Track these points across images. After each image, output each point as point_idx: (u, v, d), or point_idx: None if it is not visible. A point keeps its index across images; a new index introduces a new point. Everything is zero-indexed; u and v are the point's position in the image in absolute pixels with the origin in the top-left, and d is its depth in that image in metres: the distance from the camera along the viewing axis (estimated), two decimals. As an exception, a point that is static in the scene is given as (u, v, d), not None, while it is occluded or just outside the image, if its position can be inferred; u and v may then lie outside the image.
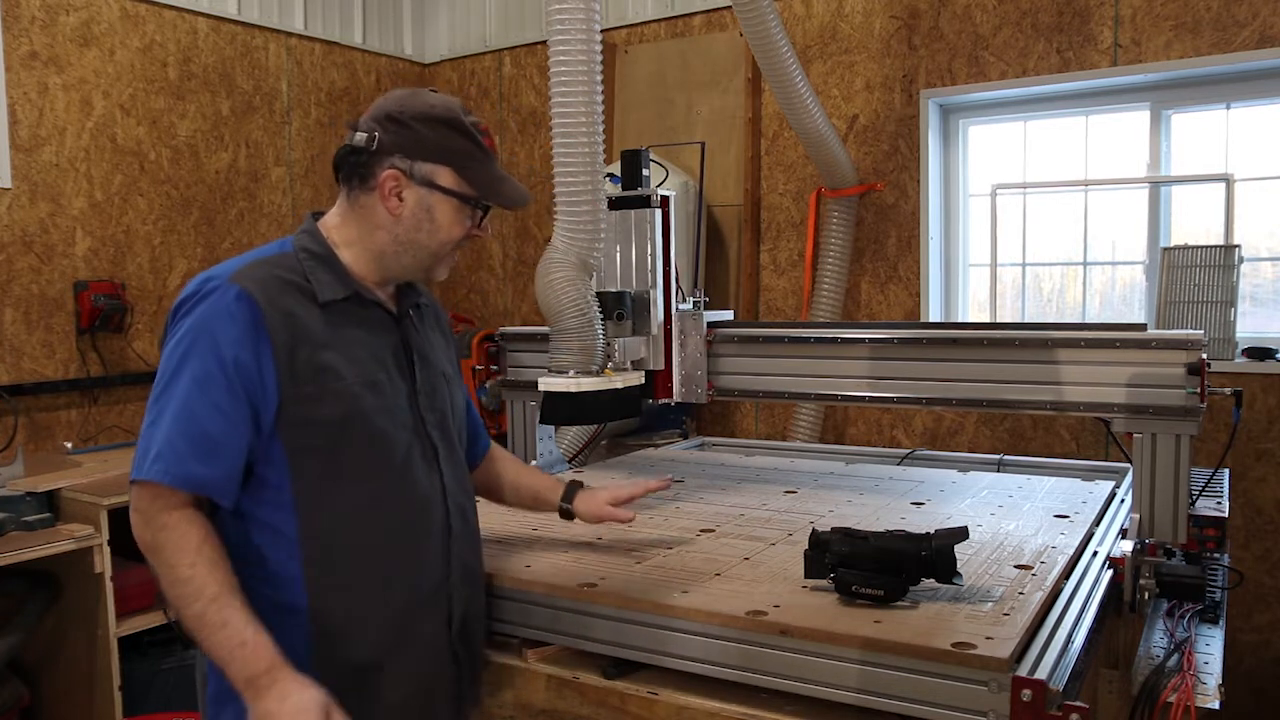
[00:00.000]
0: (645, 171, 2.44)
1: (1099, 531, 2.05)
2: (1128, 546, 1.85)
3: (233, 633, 1.40)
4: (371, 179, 1.58)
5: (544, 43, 2.32)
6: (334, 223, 1.65)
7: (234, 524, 1.53)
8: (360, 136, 1.58)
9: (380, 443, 1.57)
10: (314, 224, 1.66)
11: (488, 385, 4.26)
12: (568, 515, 1.93)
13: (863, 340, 2.28)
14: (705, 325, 2.45)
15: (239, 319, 1.47)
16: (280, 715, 1.37)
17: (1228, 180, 3.62)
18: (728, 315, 2.59)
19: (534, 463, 2.65)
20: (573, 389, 2.17)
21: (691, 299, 2.51)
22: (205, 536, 1.44)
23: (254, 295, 1.48)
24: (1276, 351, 3.45)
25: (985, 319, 4.14)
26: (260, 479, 1.51)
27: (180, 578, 1.41)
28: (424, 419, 1.65)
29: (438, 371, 1.72)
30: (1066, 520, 2.08)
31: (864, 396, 2.29)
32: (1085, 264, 4.02)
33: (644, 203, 2.39)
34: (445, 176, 1.59)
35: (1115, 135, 3.89)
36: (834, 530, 1.63)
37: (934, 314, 4.07)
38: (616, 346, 2.30)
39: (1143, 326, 2.02)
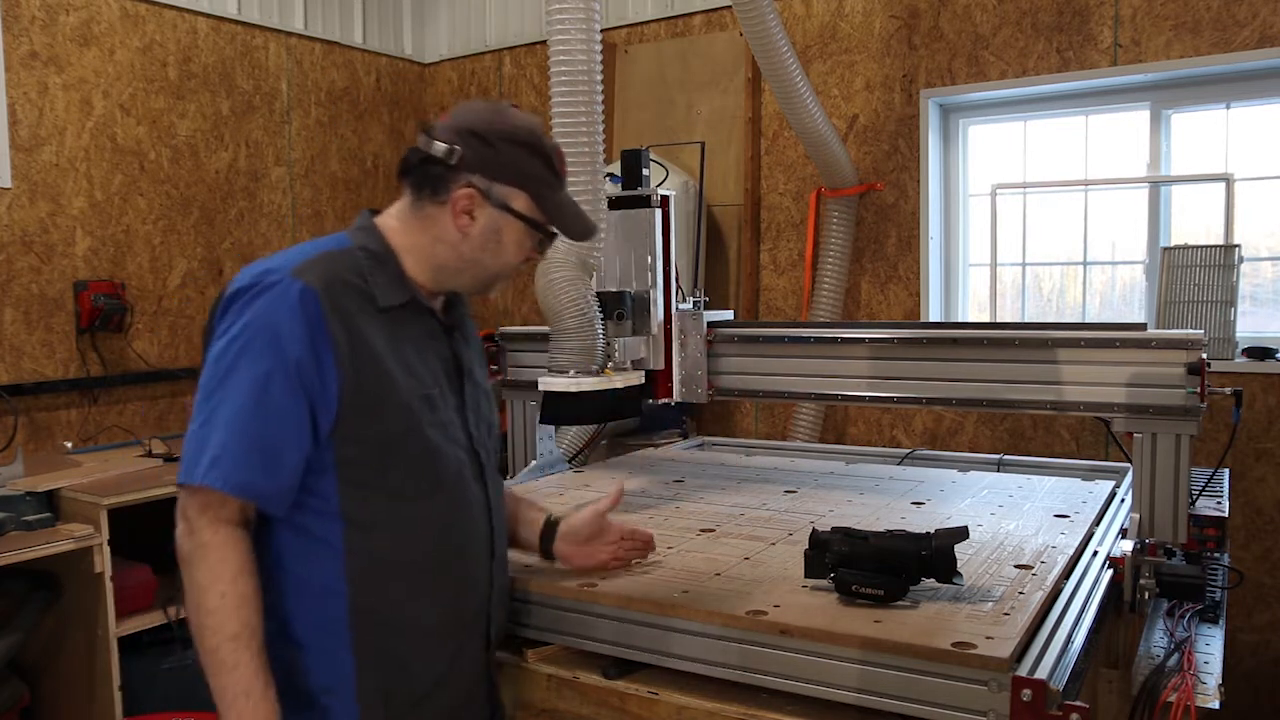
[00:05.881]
0: (645, 171, 2.43)
1: (1099, 531, 2.05)
2: (1128, 546, 1.85)
3: (241, 678, 1.35)
4: (445, 192, 1.51)
5: (544, 43, 2.32)
6: (394, 225, 1.57)
7: (277, 531, 1.45)
8: (440, 147, 1.50)
9: (434, 459, 1.51)
10: (371, 221, 1.57)
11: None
12: (549, 558, 1.78)
13: (863, 340, 2.28)
14: (705, 325, 2.44)
15: (302, 317, 1.38)
16: None
17: (1228, 180, 3.62)
18: (728, 315, 2.59)
19: (534, 462, 2.66)
20: (573, 389, 2.17)
21: (691, 299, 2.51)
22: (242, 566, 1.38)
23: (319, 294, 1.40)
24: (1276, 351, 3.45)
25: (985, 319, 4.14)
26: (306, 486, 1.44)
27: (206, 606, 1.36)
28: (472, 435, 1.60)
29: (480, 386, 1.67)
30: (1066, 520, 2.07)
31: (864, 396, 2.29)
32: (1085, 264, 4.02)
33: (644, 203, 2.38)
34: (521, 201, 1.53)
35: (1115, 135, 3.89)
36: (834, 530, 1.63)
37: (934, 314, 4.07)
38: (616, 346, 2.30)
39: (1143, 326, 2.02)
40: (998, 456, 2.83)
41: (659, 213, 2.39)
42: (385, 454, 1.46)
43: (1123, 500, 2.32)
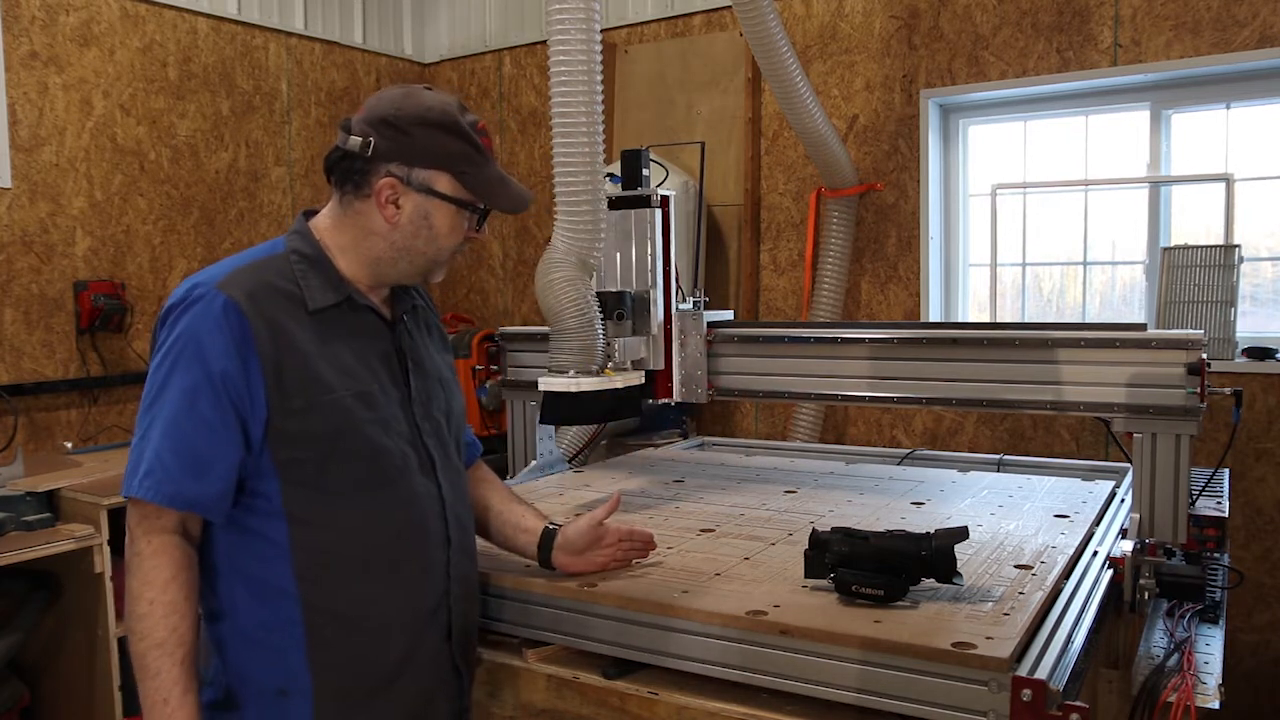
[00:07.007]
0: (645, 171, 2.43)
1: (1099, 531, 2.05)
2: (1128, 546, 1.85)
3: (161, 685, 1.39)
4: (366, 186, 1.53)
5: (544, 43, 2.32)
6: (326, 225, 1.60)
7: (227, 533, 1.49)
8: (354, 141, 1.52)
9: (374, 455, 1.52)
10: (305, 224, 1.61)
11: (488, 385, 4.26)
12: (547, 566, 1.76)
13: (863, 340, 2.28)
14: (705, 325, 2.44)
15: (225, 330, 1.42)
16: None
17: (1228, 180, 3.62)
18: (728, 315, 2.59)
19: (534, 462, 2.66)
20: (573, 389, 2.17)
21: (691, 299, 2.51)
22: (174, 574, 1.42)
23: (241, 305, 1.44)
24: (1276, 351, 3.45)
25: (985, 319, 4.14)
26: (250, 489, 1.47)
27: (137, 612, 1.41)
28: (420, 428, 1.60)
29: (434, 377, 1.67)
30: (1066, 520, 2.08)
31: (864, 396, 2.29)
32: (1085, 264, 4.02)
33: (644, 203, 2.38)
34: (443, 182, 1.54)
35: (1115, 135, 3.89)
36: (834, 530, 1.63)
37: (934, 314, 4.07)
38: (616, 346, 2.29)
39: (1143, 326, 2.01)
40: (998, 457, 2.83)
41: (659, 213, 2.39)
42: (323, 454, 1.48)
43: (1123, 500, 2.32)
